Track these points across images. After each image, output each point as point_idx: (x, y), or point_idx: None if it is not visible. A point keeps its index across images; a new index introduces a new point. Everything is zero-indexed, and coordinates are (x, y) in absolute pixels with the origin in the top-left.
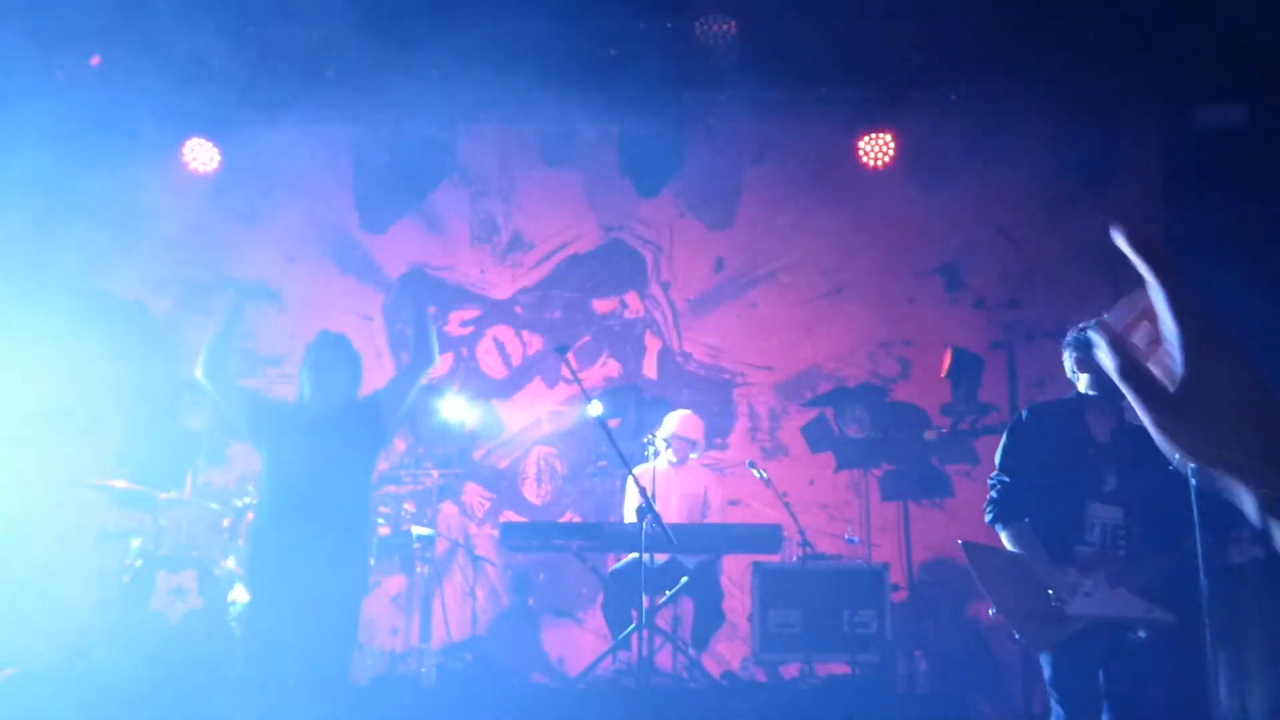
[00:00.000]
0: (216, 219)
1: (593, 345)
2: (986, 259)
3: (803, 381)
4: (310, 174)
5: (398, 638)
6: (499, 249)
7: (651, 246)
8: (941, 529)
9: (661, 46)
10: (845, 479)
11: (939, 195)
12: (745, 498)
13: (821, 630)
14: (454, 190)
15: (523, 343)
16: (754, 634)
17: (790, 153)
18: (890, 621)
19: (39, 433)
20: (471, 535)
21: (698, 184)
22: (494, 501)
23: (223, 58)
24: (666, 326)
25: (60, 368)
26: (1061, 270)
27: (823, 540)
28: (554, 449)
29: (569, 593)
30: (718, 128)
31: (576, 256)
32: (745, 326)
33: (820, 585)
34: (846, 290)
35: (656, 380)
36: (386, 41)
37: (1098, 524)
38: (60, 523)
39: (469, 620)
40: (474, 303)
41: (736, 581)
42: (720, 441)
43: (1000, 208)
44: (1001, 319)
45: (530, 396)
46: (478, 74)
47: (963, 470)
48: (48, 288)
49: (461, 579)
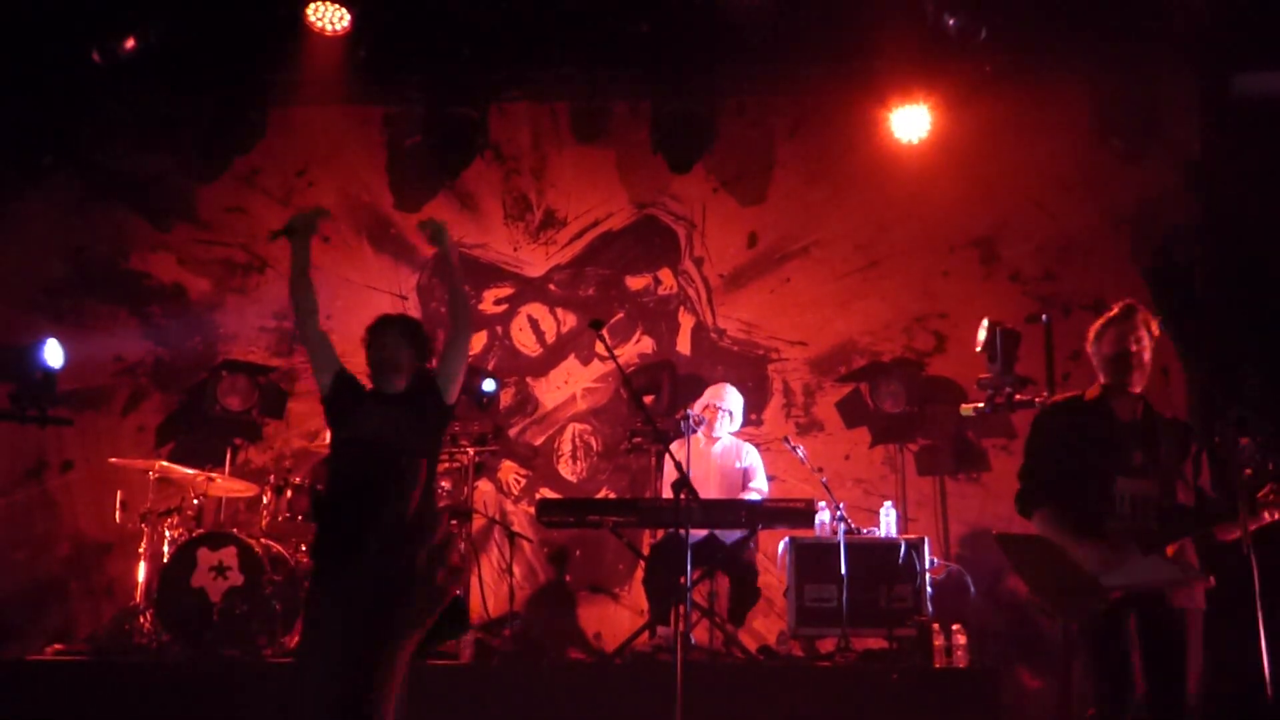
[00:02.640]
0: (253, 200)
1: (626, 322)
2: (1022, 232)
3: (837, 356)
4: (344, 155)
5: None
6: (532, 227)
7: (684, 222)
8: (978, 503)
9: (693, 21)
10: (881, 454)
11: (974, 168)
12: (780, 473)
13: (858, 605)
14: (486, 168)
15: (556, 320)
16: (790, 609)
17: (824, 127)
18: (927, 596)
19: (79, 414)
20: (508, 512)
21: (730, 159)
22: (529, 479)
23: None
24: (700, 303)
25: (100, 349)
26: (1098, 243)
27: (859, 515)
28: (589, 426)
29: (605, 569)
30: (750, 103)
31: (609, 233)
32: (779, 302)
33: (856, 560)
34: (881, 264)
35: (690, 356)
36: (417, 21)
37: (1126, 497)
38: (102, 502)
39: (506, 596)
40: (507, 280)
41: (772, 557)
42: (755, 418)
43: (1036, 180)
44: (1037, 292)
45: (565, 373)
46: (509, 51)
47: (1000, 444)
48: (87, 270)
49: (498, 556)
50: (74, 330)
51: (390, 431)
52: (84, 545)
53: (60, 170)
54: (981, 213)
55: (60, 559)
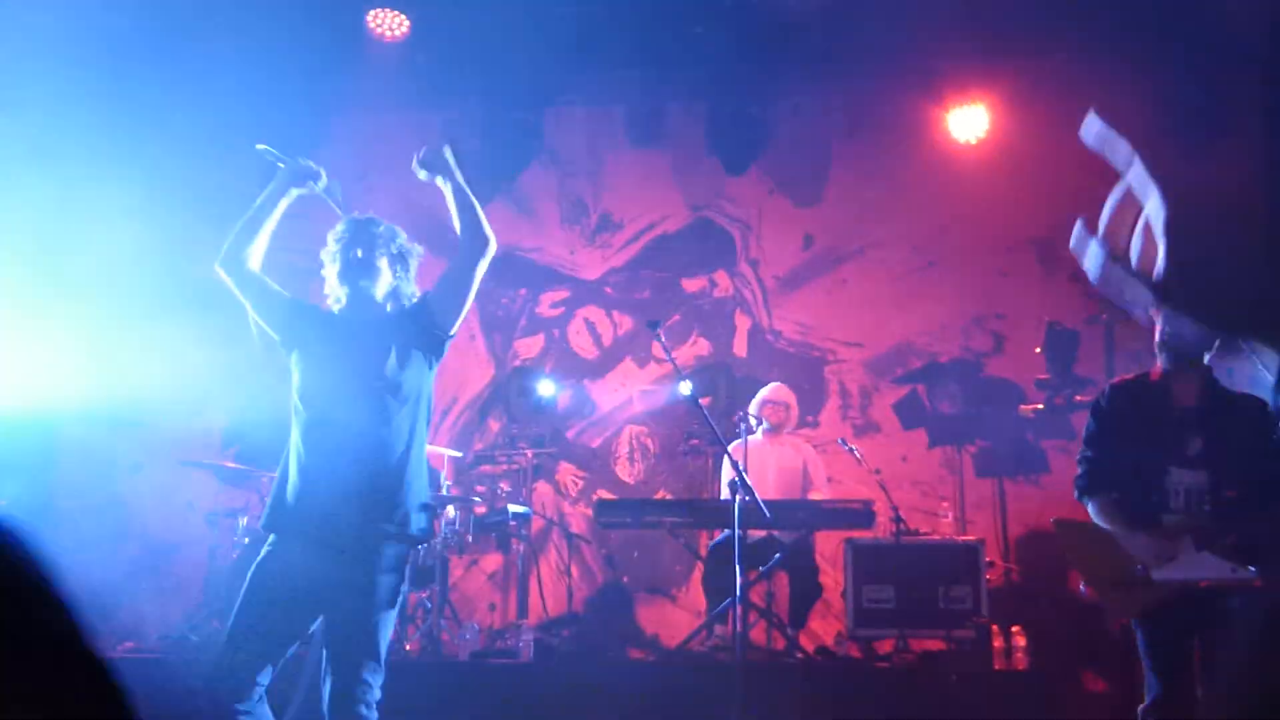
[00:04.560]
0: (315, 205)
1: (682, 324)
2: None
3: (894, 358)
4: (404, 160)
5: (495, 614)
6: (588, 230)
7: (740, 225)
8: (1038, 505)
9: (748, 22)
10: (939, 455)
11: (1032, 167)
12: (837, 475)
13: (916, 606)
14: (543, 172)
15: (613, 323)
16: (848, 610)
17: (879, 127)
18: (986, 597)
19: (147, 416)
20: (565, 514)
21: (785, 161)
22: (587, 480)
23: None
24: (756, 305)
25: (165, 353)
26: None
27: (916, 517)
28: (646, 428)
29: (663, 570)
30: (805, 104)
31: (665, 236)
32: (835, 303)
33: (914, 561)
34: (938, 265)
35: (746, 358)
36: (474, 27)
37: (1181, 490)
38: (170, 503)
39: (564, 597)
40: (564, 284)
41: (829, 558)
42: (811, 419)
43: (1095, 177)
44: (1098, 292)
45: (621, 376)
46: (565, 55)
47: (1059, 446)
48: (150, 276)
49: (557, 557)
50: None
51: (369, 360)
52: (152, 545)
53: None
54: (1039, 213)
55: (129, 559)
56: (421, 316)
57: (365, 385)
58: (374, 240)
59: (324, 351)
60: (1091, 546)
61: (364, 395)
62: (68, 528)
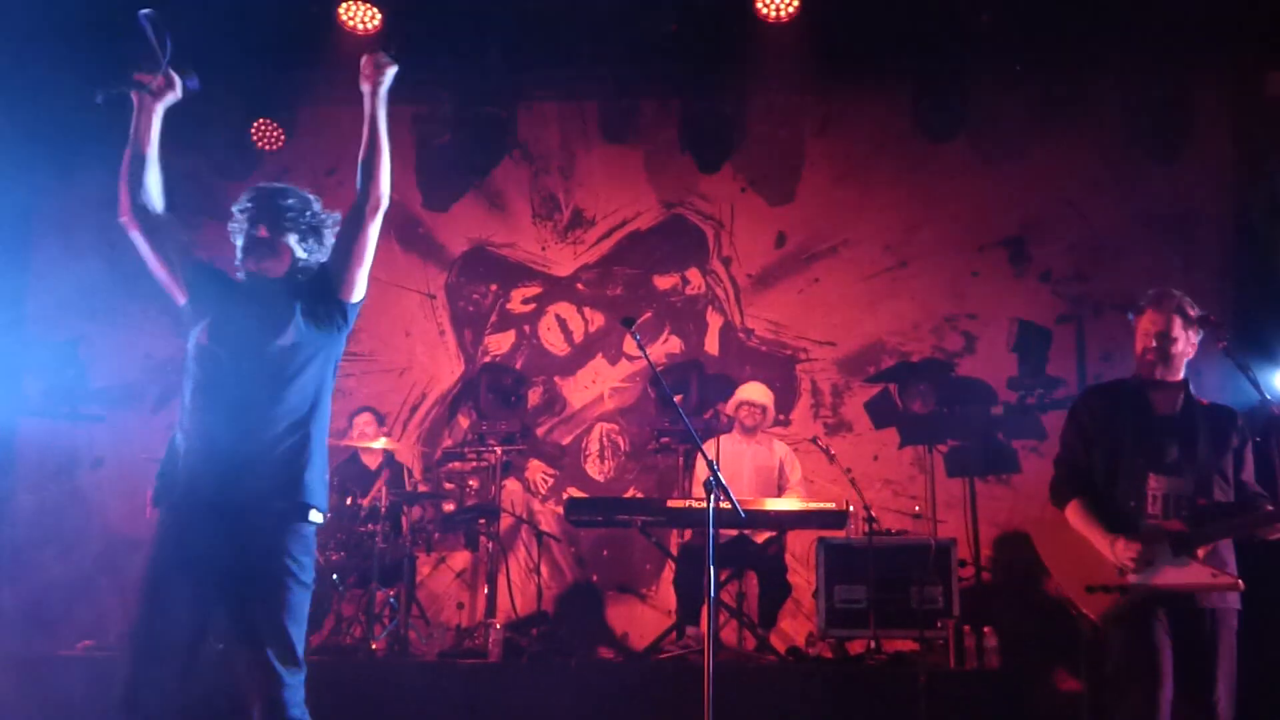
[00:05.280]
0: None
1: (654, 321)
2: (1053, 231)
3: (866, 357)
4: None
5: (463, 612)
6: (560, 226)
7: (712, 222)
8: (1008, 505)
9: (722, 20)
10: (910, 455)
11: (1004, 167)
12: (809, 474)
13: (888, 606)
14: (515, 168)
15: (584, 319)
16: (819, 610)
17: (852, 126)
18: (958, 597)
19: (110, 411)
20: (535, 511)
21: (758, 159)
22: (557, 478)
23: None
24: (728, 302)
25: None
26: (1130, 242)
27: (888, 516)
28: (616, 425)
29: (633, 569)
30: (778, 102)
31: (637, 233)
32: (807, 302)
33: (886, 561)
34: (910, 264)
35: (718, 356)
36: (447, 20)
37: (1159, 495)
38: (132, 499)
39: (534, 596)
40: (535, 280)
41: (800, 557)
42: (783, 418)
43: (1067, 179)
44: (1068, 292)
45: (592, 373)
46: (537, 51)
47: (1030, 445)
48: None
49: (526, 555)
50: (106, 328)
51: (266, 330)
52: (115, 542)
53: (93, 168)
54: (1011, 212)
55: (91, 556)
56: (319, 285)
57: (260, 356)
58: (279, 216)
59: (222, 316)
60: (1065, 550)
61: (259, 366)
62: (28, 524)
